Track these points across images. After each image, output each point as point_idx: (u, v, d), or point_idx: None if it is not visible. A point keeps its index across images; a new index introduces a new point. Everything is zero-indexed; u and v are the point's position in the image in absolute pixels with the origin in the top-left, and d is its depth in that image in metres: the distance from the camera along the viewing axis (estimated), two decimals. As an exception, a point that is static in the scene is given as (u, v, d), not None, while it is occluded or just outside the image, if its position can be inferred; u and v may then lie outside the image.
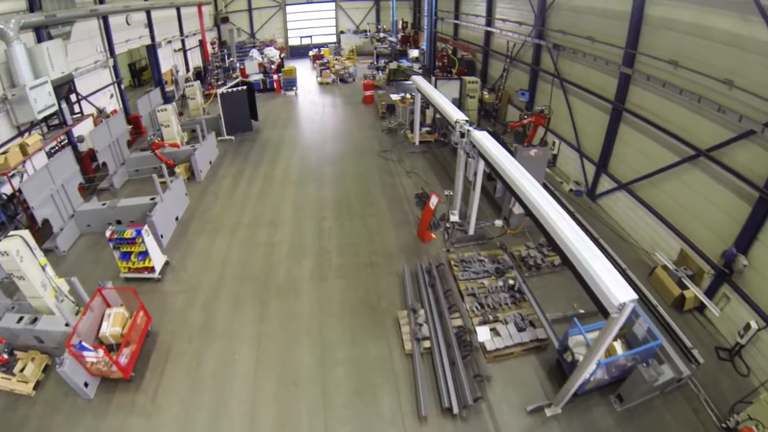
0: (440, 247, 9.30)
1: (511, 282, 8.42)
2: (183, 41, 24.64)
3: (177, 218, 10.84)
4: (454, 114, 8.76)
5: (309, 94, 22.83)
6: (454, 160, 13.36)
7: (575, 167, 12.82)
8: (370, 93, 19.97)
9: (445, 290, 7.97)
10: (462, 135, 8.43)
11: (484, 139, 7.78)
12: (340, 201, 11.23)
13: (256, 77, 23.47)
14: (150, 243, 8.64)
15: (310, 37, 34.64)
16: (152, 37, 20.68)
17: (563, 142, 13.37)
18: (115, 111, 17.30)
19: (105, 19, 16.47)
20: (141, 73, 26.05)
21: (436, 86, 13.62)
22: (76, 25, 14.69)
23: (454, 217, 8.69)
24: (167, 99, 21.77)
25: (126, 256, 8.83)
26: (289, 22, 33.96)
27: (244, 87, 16.15)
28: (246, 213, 10.89)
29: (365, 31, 33.79)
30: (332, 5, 33.94)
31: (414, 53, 27.76)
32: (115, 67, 17.29)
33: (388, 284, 8.21)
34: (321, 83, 24.65)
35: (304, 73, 28.27)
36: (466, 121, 8.46)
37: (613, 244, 9.60)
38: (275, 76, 23.13)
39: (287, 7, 33.24)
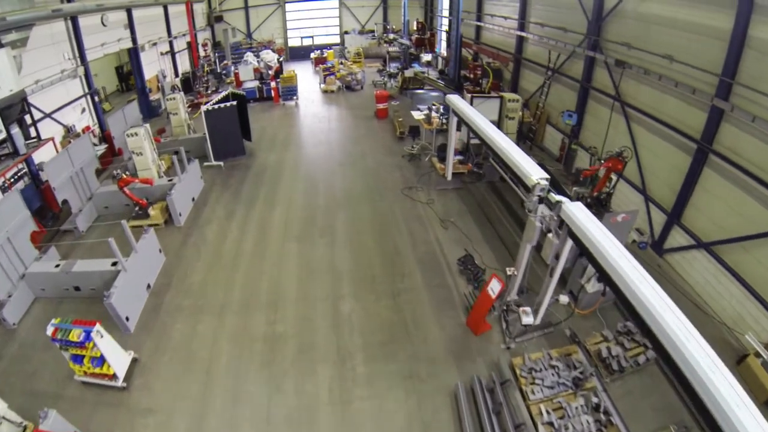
0: (498, 342, 7.04)
1: (594, 400, 6.25)
2: (171, 43, 22.09)
3: (149, 286, 8.49)
4: (532, 170, 6.38)
5: (311, 105, 20.29)
6: (495, 200, 11.14)
7: (640, 213, 10.58)
8: (384, 106, 17.41)
9: (517, 424, 5.74)
10: (541, 200, 6.14)
11: (581, 215, 5.50)
12: (361, 268, 8.64)
13: (251, 84, 20.94)
14: (106, 346, 6.31)
15: (312, 37, 32.00)
16: (134, 40, 18.15)
17: (622, 179, 11.10)
18: (87, 128, 14.87)
19: (74, 20, 13.96)
20: (129, 76, 23.46)
21: (472, 104, 11.22)
22: (35, 29, 12.19)
23: (528, 319, 6.45)
24: (151, 110, 19.30)
25: (78, 358, 6.52)
26: (288, 21, 31.29)
27: (234, 102, 13.49)
28: (237, 283, 8.46)
29: (372, 31, 31.23)
30: (336, 3, 31.32)
31: (426, 57, 25.33)
32: (87, 75, 14.81)
33: (436, 410, 5.93)
34: (325, 91, 22.14)
35: (306, 77, 25.77)
36: (548, 180, 6.13)
37: (689, 314, 7.43)
38: (273, 84, 20.61)
39: (287, 5, 30.56)
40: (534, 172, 6.25)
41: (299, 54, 31.49)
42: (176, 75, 22.55)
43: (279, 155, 14.36)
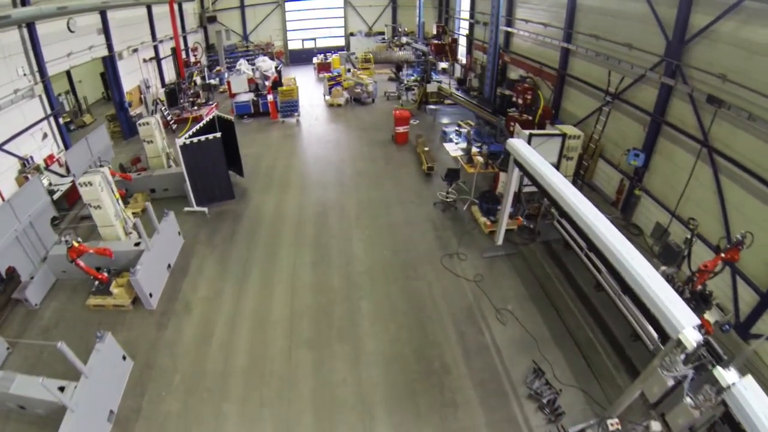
0: None
1: None
2: (156, 48, 19.65)
3: (112, 412, 6.25)
4: (682, 317, 4.04)
5: (316, 123, 17.77)
6: (555, 270, 8.75)
7: (722, 286, 8.42)
8: (405, 129, 14.81)
9: None
10: (687, 359, 3.94)
11: (759, 407, 3.33)
12: (400, 398, 6.21)
13: (245, 97, 18.49)
14: None
15: (314, 39, 29.48)
16: (109, 46, 15.76)
17: (700, 240, 8.92)
18: (51, 157, 12.54)
19: (30, 27, 11.60)
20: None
21: (530, 143, 8.94)
22: (-23, 42, 9.90)
23: None
24: (132, 128, 16.87)
25: None
26: (288, 22, 28.74)
27: (218, 135, 10.49)
28: (229, 422, 6.06)
29: (381, 33, 28.76)
30: (340, 2, 28.80)
31: (442, 64, 22.99)
32: (48, 93, 12.47)
33: None
34: (331, 104, 19.75)
35: (308, 86, 23.39)
36: (705, 337, 3.89)
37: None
38: (270, 97, 18.10)
39: (286, 4, 28.00)
40: (687, 323, 3.99)
41: (300, 58, 29.02)
42: (162, 84, 20.14)
43: (277, 200, 11.73)
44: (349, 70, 22.30)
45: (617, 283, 6.15)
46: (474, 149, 10.57)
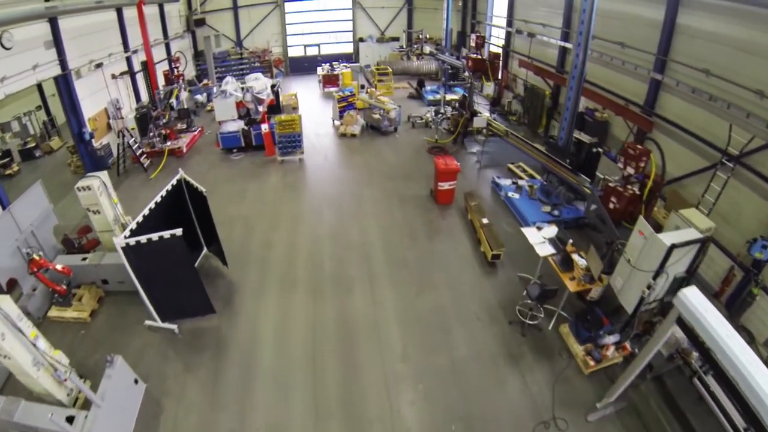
0: None
1: None
2: (129, 60, 16.57)
3: None
4: None
5: (325, 164, 14.22)
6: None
7: None
8: (451, 186, 11.20)
9: None
10: None
11: None
12: None
13: (232, 127, 15.25)
14: None
15: (318, 45, 26.27)
16: (63, 63, 12.68)
17: None
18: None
19: (-64, 50, 8.59)
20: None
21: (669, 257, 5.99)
22: None
23: None
24: (98, 162, 13.80)
25: None
26: (288, 25, 25.53)
27: (178, 231, 6.40)
28: None
29: (395, 38, 25.65)
30: (348, 2, 25.62)
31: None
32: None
33: None
34: (342, 134, 16.58)
35: (312, 103, 20.39)
36: None
37: None
38: (265, 127, 14.79)
39: (286, 4, 24.81)
40: None
41: (302, 67, 25.87)
42: (138, 100, 17.06)
43: (279, 312, 7.99)
44: (362, 87, 19.29)
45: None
46: (569, 243, 7.26)
